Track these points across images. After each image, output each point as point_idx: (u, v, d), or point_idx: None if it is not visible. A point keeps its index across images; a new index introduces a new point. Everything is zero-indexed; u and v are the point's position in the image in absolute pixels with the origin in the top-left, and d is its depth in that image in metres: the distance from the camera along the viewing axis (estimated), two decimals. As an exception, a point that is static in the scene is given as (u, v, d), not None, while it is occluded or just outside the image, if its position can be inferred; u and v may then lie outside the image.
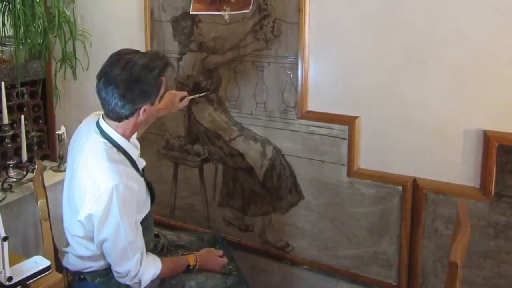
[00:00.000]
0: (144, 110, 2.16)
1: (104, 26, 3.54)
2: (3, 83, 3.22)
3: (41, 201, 2.39)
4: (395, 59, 2.50)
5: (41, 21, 3.53)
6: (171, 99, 2.67)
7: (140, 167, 2.33)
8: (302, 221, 2.91)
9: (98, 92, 2.15)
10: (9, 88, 3.47)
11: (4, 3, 3.46)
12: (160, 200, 2.90)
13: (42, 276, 1.93)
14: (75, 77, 3.67)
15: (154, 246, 2.49)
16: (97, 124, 2.24)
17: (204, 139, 3.14)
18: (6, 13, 3.48)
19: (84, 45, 3.62)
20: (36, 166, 2.79)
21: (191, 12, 3.04)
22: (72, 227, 2.25)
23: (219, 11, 2.93)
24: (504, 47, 2.27)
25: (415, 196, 2.55)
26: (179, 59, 3.15)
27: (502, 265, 2.40)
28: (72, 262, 2.34)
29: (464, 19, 2.32)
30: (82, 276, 2.31)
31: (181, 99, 2.72)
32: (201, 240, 2.73)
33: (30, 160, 3.37)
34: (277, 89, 2.84)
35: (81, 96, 3.70)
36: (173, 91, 2.79)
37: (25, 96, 3.62)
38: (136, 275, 2.17)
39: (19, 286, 1.86)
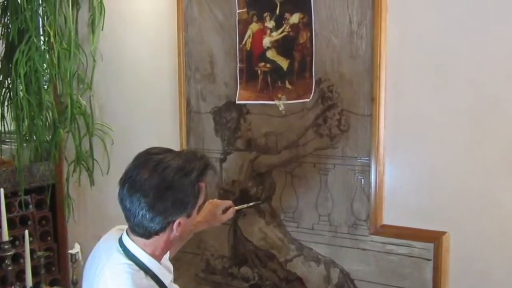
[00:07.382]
0: (179, 223, 2.19)
1: (129, 119, 3.71)
2: (2, 190, 3.34)
3: (50, 338, 2.49)
4: (492, 161, 2.56)
5: (50, 113, 3.69)
6: (212, 210, 2.77)
7: (174, 296, 2.38)
8: None
9: (121, 202, 2.19)
10: (10, 196, 3.64)
11: (4, 90, 3.63)
12: (198, 338, 2.94)
13: None
14: (92, 182, 3.84)
15: None
16: (120, 241, 2.29)
17: (254, 260, 3.23)
18: (6, 103, 3.65)
19: (103, 142, 3.80)
20: (44, 293, 2.86)
21: (237, 102, 3.18)
22: None
23: (273, 100, 3.06)
24: None
25: (516, 329, 2.56)
26: (223, 160, 3.27)
27: None
28: None
29: None
30: None
31: (225, 210, 2.82)
32: None
33: (36, 286, 3.45)
34: (345, 197, 2.92)
35: (99, 206, 3.84)
36: (215, 200, 2.90)
37: (30, 206, 3.78)
38: None
39: None
